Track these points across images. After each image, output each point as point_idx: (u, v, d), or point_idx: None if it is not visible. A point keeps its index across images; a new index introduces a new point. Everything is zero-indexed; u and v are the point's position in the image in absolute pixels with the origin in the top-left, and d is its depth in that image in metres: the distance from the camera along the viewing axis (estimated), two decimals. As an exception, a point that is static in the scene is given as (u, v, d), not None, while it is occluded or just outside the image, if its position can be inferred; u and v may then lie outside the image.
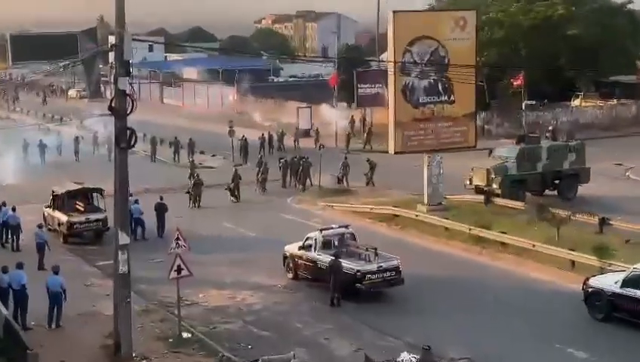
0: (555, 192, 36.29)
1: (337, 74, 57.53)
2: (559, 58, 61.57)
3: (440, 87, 32.79)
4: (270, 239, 29.84)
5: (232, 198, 38.32)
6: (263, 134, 52.52)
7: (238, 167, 41.02)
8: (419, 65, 32.17)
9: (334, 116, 56.41)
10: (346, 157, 42.11)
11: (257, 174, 40.80)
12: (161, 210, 31.80)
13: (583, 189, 36.50)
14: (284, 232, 30.04)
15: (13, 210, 30.42)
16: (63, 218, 30.87)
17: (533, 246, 26.89)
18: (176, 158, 50.08)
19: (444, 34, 32.33)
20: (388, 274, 23.83)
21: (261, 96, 72.13)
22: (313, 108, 59.47)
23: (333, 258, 23.66)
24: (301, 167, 40.97)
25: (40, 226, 28.55)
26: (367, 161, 41.18)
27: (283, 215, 35.32)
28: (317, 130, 54.94)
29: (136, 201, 31.10)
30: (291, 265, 25.91)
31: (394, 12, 32.63)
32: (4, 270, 21.81)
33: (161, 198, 32.76)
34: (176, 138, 51.37)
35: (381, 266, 23.83)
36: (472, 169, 35.99)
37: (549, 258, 26.25)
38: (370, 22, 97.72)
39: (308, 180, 40.81)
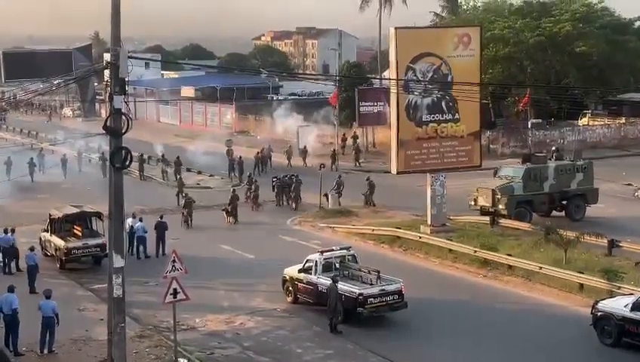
0: (563, 213, 35.81)
1: (338, 92, 57.19)
2: (566, 75, 61.18)
3: (444, 105, 32.15)
4: (269, 261, 29.33)
5: (229, 219, 37.68)
6: (258, 153, 52.53)
7: (236, 188, 40.59)
8: (421, 83, 31.52)
9: (316, 134, 57.47)
10: (340, 176, 41.94)
11: (247, 192, 40.94)
12: (161, 228, 31.88)
13: (591, 210, 35.96)
14: (283, 254, 29.58)
15: (5, 231, 29.86)
16: (61, 243, 29.85)
17: (541, 268, 26.50)
18: (165, 177, 49.52)
19: (448, 51, 31.74)
20: (391, 297, 23.28)
21: (260, 114, 71.77)
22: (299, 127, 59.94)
23: (330, 282, 23.07)
24: (293, 185, 40.86)
25: (31, 249, 27.84)
26: (367, 179, 40.71)
27: (282, 236, 34.74)
28: (304, 147, 55.28)
29: (140, 220, 31.80)
30: (291, 288, 25.33)
31: (396, 29, 32.09)
32: (10, 290, 21.33)
33: (161, 217, 33.06)
34: (163, 156, 50.93)
35: (384, 289, 23.27)
36: (477, 189, 35.50)
37: (557, 281, 25.85)
38: (371, 38, 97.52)
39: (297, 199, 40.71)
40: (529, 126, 57.31)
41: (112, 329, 18.31)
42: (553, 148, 40.54)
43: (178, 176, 46.36)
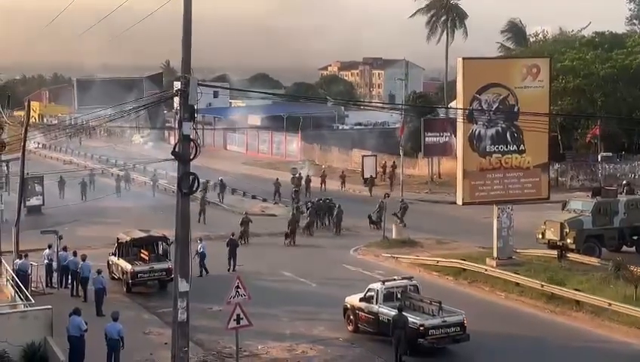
0: (633, 249, 34.81)
1: (404, 122, 57.20)
2: (638, 108, 59.92)
3: (508, 136, 31.71)
4: (331, 290, 29.30)
5: (285, 241, 38.50)
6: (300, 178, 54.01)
7: (295, 213, 41.11)
8: (487, 113, 31.18)
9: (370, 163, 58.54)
10: (382, 201, 42.28)
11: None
12: (232, 245, 34.12)
13: (663, 246, 34.91)
14: (345, 283, 29.50)
15: (74, 254, 30.45)
16: (127, 266, 30.43)
17: (610, 304, 25.74)
18: (221, 199, 51.11)
19: (515, 81, 31.43)
20: (452, 329, 22.88)
21: (325, 143, 72.13)
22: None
23: (397, 311, 22.72)
24: (336, 211, 42.16)
25: (99, 272, 28.30)
26: (401, 201, 42.43)
27: (345, 265, 34.64)
28: (342, 173, 57.12)
29: (199, 240, 33.26)
30: (352, 317, 25.17)
31: (464, 59, 31.90)
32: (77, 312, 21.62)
33: (233, 235, 35.24)
34: (221, 180, 52.44)
35: (445, 321, 22.88)
36: (545, 222, 34.72)
37: (627, 318, 25.11)
38: (438, 69, 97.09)
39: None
40: (599, 159, 56.18)
41: (175, 354, 18.44)
42: (624, 182, 39.58)
43: (202, 194, 47.29)
